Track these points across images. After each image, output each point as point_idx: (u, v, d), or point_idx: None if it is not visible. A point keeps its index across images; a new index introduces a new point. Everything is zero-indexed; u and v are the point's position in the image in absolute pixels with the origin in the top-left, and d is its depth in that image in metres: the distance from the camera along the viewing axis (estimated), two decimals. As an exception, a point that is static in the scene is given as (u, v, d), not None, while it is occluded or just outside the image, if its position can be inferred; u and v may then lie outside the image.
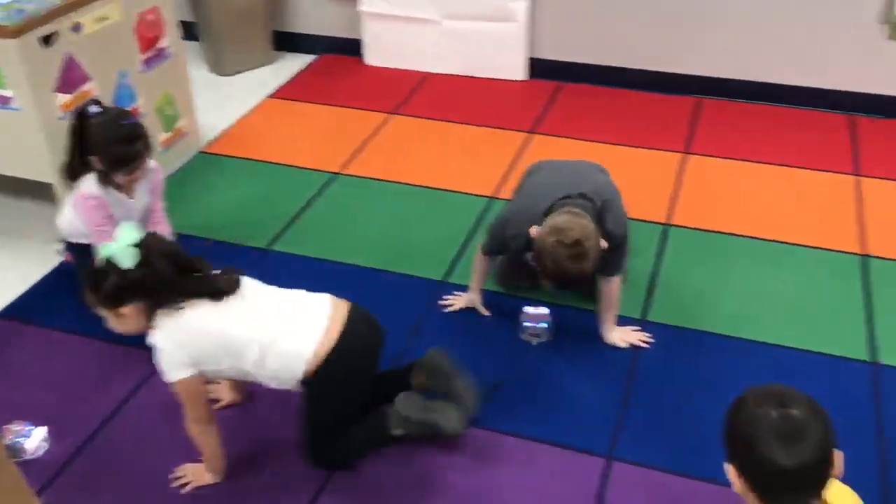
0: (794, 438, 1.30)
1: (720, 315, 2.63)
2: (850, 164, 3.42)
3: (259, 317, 1.96)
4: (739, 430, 1.37)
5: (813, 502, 1.34)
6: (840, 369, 2.43)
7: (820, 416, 1.34)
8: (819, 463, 1.31)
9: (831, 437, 1.34)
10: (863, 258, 2.87)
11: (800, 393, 1.37)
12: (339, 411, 2.06)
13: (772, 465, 1.31)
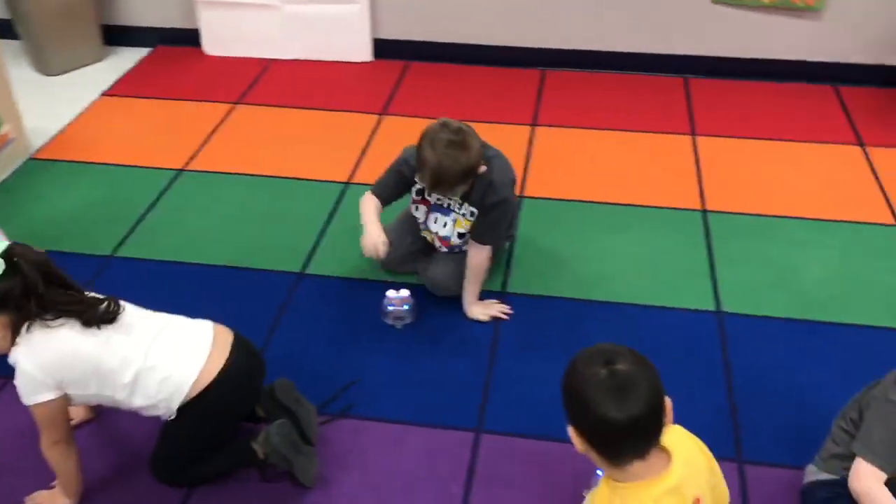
0: (623, 393, 1.34)
1: (576, 280, 2.70)
2: (686, 124, 3.58)
3: (137, 343, 1.86)
4: (573, 391, 1.40)
5: (651, 451, 1.39)
6: (690, 321, 2.55)
7: (646, 368, 1.39)
8: (651, 412, 1.36)
9: (659, 386, 1.39)
10: (703, 213, 3.02)
11: (625, 348, 1.41)
12: (207, 441, 1.98)
13: (606, 421, 1.35)
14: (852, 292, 2.65)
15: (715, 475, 1.60)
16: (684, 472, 1.44)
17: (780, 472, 2.07)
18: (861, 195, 3.12)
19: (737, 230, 2.93)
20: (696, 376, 2.35)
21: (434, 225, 2.52)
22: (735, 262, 2.78)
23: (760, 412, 2.23)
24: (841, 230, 2.94)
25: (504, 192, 2.39)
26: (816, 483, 1.90)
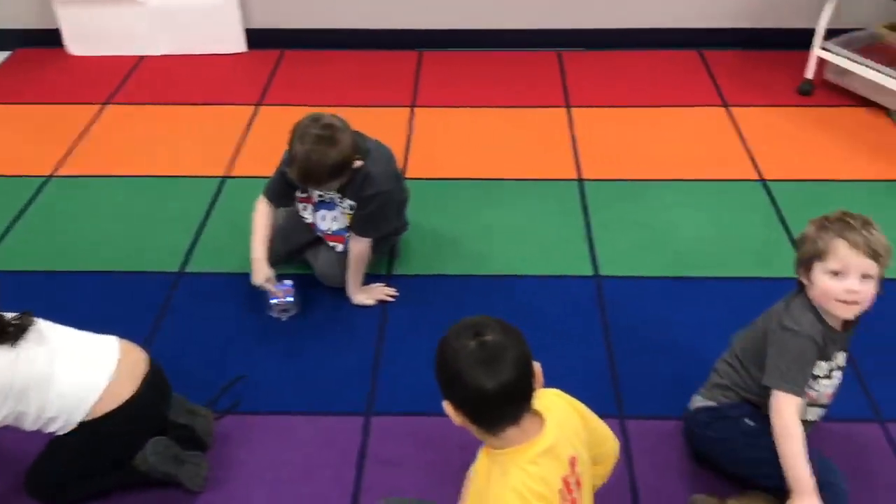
0: (492, 362, 1.38)
1: (460, 257, 2.74)
2: (561, 97, 3.66)
3: (44, 356, 1.81)
4: (444, 366, 1.43)
5: (524, 416, 1.43)
6: (570, 287, 2.62)
7: (514, 336, 1.43)
8: (521, 378, 1.40)
9: (527, 352, 1.43)
10: (580, 183, 3.10)
11: (493, 319, 1.45)
12: (97, 462, 1.94)
13: (478, 391, 1.38)
14: (722, 247, 2.78)
15: (595, 433, 1.65)
16: (558, 434, 1.48)
17: (661, 423, 2.15)
18: (727, 154, 3.26)
19: (612, 196, 3.02)
20: (577, 339, 2.42)
21: (323, 223, 2.50)
22: (611, 227, 2.87)
23: (639, 368, 2.32)
24: (710, 189, 3.06)
25: (382, 184, 2.38)
26: (700, 409, 2.00)
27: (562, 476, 1.46)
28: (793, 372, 1.80)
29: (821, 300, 1.80)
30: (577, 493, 1.52)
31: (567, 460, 1.50)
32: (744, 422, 1.90)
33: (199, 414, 2.08)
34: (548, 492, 1.43)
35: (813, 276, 1.79)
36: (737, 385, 1.94)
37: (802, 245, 1.83)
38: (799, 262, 1.84)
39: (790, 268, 2.72)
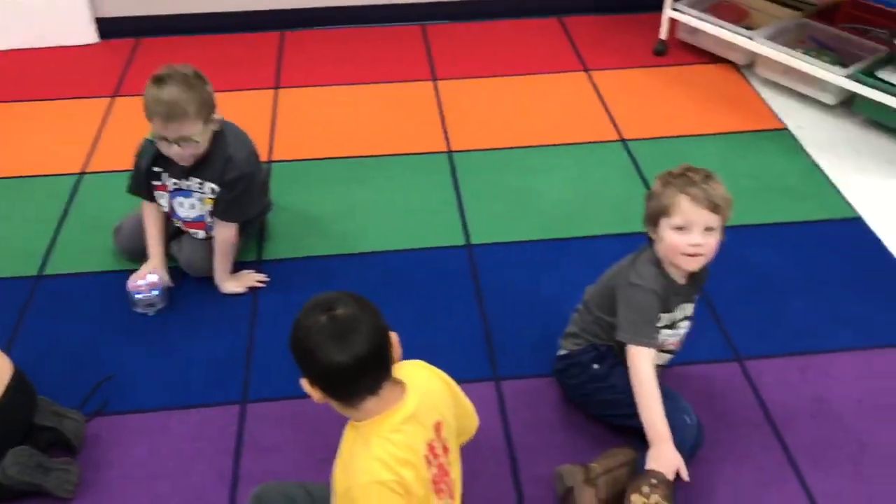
0: (345, 335, 1.38)
1: (331, 237, 2.72)
2: (427, 70, 3.67)
3: None
4: (298, 344, 1.43)
5: (383, 385, 1.45)
6: (443, 257, 2.64)
7: (366, 309, 1.43)
8: (376, 350, 1.41)
9: (381, 324, 1.44)
10: (449, 155, 3.12)
11: (344, 293, 1.45)
12: None
13: (333, 366, 1.39)
14: (588, 207, 2.86)
15: (459, 403, 1.68)
16: (421, 400, 1.50)
17: (535, 380, 2.21)
18: (590, 117, 3.35)
19: (481, 166, 3.06)
20: (452, 308, 2.45)
21: (181, 210, 2.43)
22: (480, 196, 2.91)
23: (512, 331, 2.37)
24: (574, 152, 3.14)
25: (245, 166, 2.34)
26: (557, 358, 2.11)
27: (426, 441, 1.49)
28: (641, 325, 1.87)
29: (667, 254, 1.87)
30: (445, 457, 1.55)
31: (432, 426, 1.52)
32: (591, 367, 1.99)
33: (66, 416, 2.01)
34: (413, 457, 1.45)
35: (660, 231, 1.86)
36: (584, 331, 2.02)
37: (649, 201, 1.89)
38: (647, 218, 1.91)
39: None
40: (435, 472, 1.50)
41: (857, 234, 2.74)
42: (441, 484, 1.52)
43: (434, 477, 1.49)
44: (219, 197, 2.35)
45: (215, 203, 2.36)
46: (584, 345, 2.02)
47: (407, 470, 1.42)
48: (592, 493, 1.84)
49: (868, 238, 2.71)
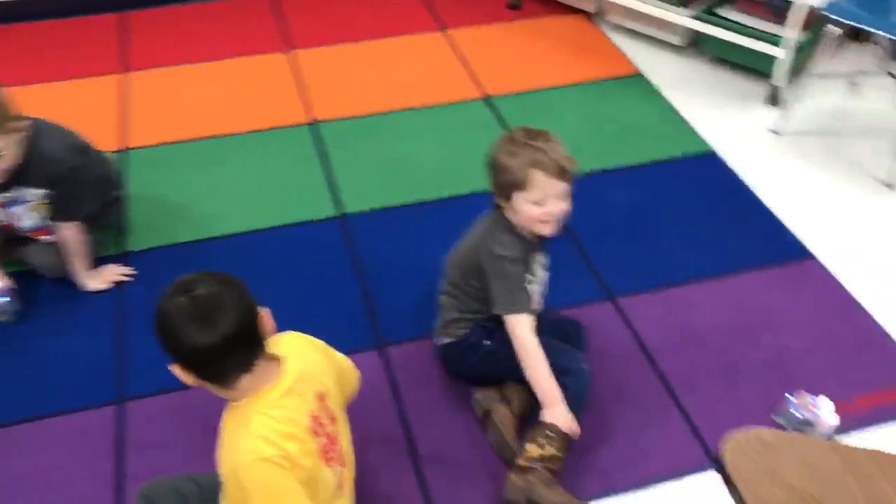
0: (208, 315, 1.34)
1: (196, 222, 2.62)
2: (280, 41, 3.57)
3: None
4: (162, 329, 1.37)
5: (257, 362, 1.41)
6: (317, 231, 2.60)
7: (229, 285, 1.39)
8: (243, 327, 1.37)
9: (247, 300, 1.40)
10: (313, 126, 3.06)
11: (204, 273, 1.40)
12: None
13: (199, 348, 1.34)
14: (458, 167, 2.87)
15: (341, 372, 1.67)
16: (300, 373, 1.48)
17: (420, 343, 2.21)
18: (451, 76, 3.35)
19: (347, 134, 3.01)
20: (330, 281, 2.42)
21: (21, 221, 2.27)
22: (349, 164, 2.87)
23: (393, 297, 2.36)
24: (440, 113, 3.14)
25: (64, 160, 2.17)
26: (445, 346, 2.06)
27: (309, 413, 1.46)
28: (515, 294, 1.89)
29: (523, 223, 1.87)
30: (332, 426, 1.53)
31: (314, 396, 1.50)
32: (484, 345, 1.99)
33: None
34: (296, 430, 1.42)
35: (514, 204, 1.83)
36: (465, 313, 2.01)
37: (499, 174, 1.84)
38: (498, 190, 1.87)
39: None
40: (323, 442, 1.48)
41: (713, 167, 2.87)
42: (330, 453, 1.51)
43: (322, 447, 1.48)
44: (49, 199, 2.21)
45: (49, 205, 2.22)
46: (470, 326, 2.01)
47: (291, 443, 1.40)
48: (507, 410, 1.97)
49: (722, 170, 2.85)
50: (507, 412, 1.97)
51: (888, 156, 2.83)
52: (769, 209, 2.67)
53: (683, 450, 1.97)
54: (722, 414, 2.04)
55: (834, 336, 2.24)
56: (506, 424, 1.95)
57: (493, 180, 1.87)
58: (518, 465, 1.84)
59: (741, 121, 3.10)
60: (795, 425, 1.97)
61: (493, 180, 1.86)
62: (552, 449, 1.83)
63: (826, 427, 1.96)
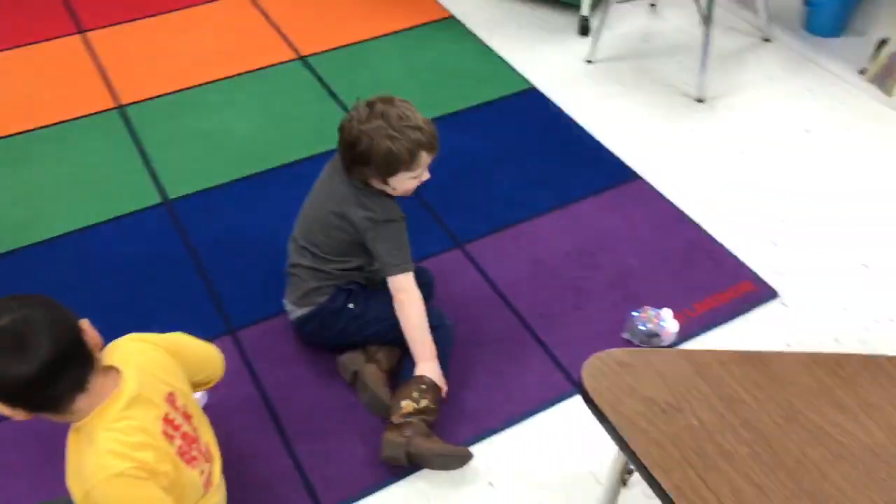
0: (21, 345, 1.21)
1: (8, 229, 2.39)
2: (70, 23, 3.29)
3: None
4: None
5: (90, 380, 1.30)
6: (143, 221, 2.44)
7: (39, 306, 1.26)
8: (65, 348, 1.26)
9: (64, 317, 1.28)
10: (120, 110, 2.85)
11: (5, 298, 1.27)
12: None
13: (21, 381, 1.22)
14: (283, 133, 2.77)
15: (195, 358, 1.59)
16: (142, 378, 1.38)
17: (270, 322, 2.14)
18: (261, 40, 3.21)
19: (159, 114, 2.83)
20: (167, 271, 2.29)
21: None
22: (167, 146, 2.70)
23: (235, 279, 2.26)
24: (255, 79, 3.01)
25: None
26: (302, 318, 2.00)
27: (160, 417, 1.38)
28: (404, 253, 1.90)
29: (399, 192, 1.89)
30: (189, 425, 1.45)
31: (163, 399, 1.41)
32: (348, 309, 1.96)
33: None
34: (149, 438, 1.33)
35: (393, 182, 1.85)
36: (329, 280, 1.95)
37: (382, 160, 1.79)
38: (375, 173, 1.83)
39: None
40: (180, 444, 1.40)
41: (536, 103, 2.92)
42: (192, 452, 1.43)
43: (180, 449, 1.40)
44: None
45: None
46: (331, 292, 1.96)
47: (144, 452, 1.31)
48: (375, 368, 1.96)
49: (546, 105, 2.91)
50: (377, 370, 1.96)
51: (694, 71, 2.99)
52: (594, 137, 2.75)
53: (547, 380, 2.02)
54: (577, 338, 2.11)
55: (668, 249, 2.35)
56: (377, 382, 1.94)
57: (371, 164, 1.81)
58: (393, 422, 1.83)
59: (557, 54, 3.17)
60: (642, 338, 2.07)
61: (373, 164, 1.81)
62: (426, 401, 1.83)
63: (670, 335, 2.08)
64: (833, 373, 1.30)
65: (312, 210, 1.95)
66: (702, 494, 1.15)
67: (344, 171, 1.88)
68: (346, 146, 1.83)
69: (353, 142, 1.80)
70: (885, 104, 2.89)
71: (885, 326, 2.16)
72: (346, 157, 1.84)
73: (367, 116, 1.80)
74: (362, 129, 1.79)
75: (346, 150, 1.83)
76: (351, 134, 1.81)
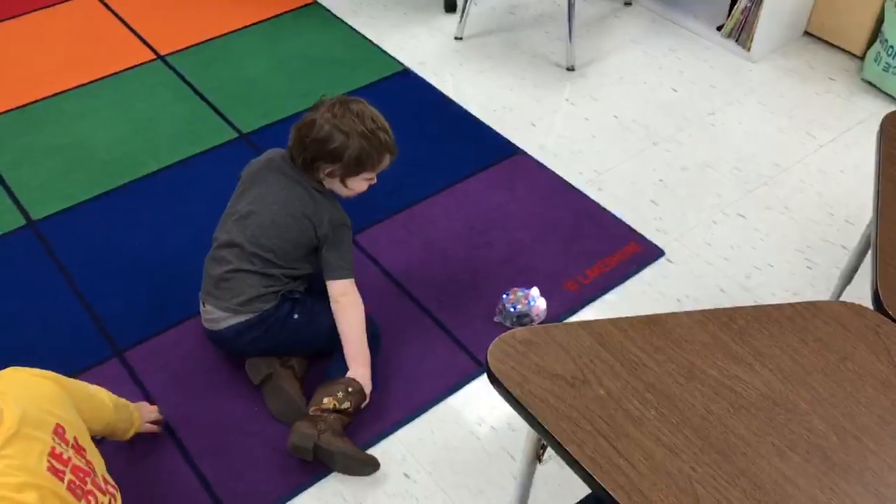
0: None
1: None
2: None
3: None
4: None
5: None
6: (9, 246, 2.27)
7: None
8: None
9: None
10: (-34, 129, 2.65)
11: None
12: None
13: None
14: (150, 139, 2.63)
15: (83, 395, 1.49)
16: (25, 412, 1.29)
17: (160, 339, 2.04)
18: (117, 43, 3.03)
19: (9, 130, 2.64)
20: (39, 298, 2.14)
21: None
22: (21, 164, 2.52)
23: (116, 298, 2.14)
24: (113, 84, 2.84)
25: None
26: (235, 327, 1.87)
27: (46, 452, 1.28)
28: (349, 258, 1.91)
29: (345, 193, 1.90)
30: (81, 459, 1.36)
31: (49, 433, 1.31)
32: (292, 318, 1.89)
33: None
34: (31, 477, 1.24)
35: (350, 182, 1.86)
36: (274, 287, 1.86)
37: (358, 162, 1.81)
38: (343, 173, 1.83)
39: (220, 134, 2.74)
40: (71, 479, 1.31)
41: (411, 84, 2.89)
42: (86, 486, 1.34)
43: (71, 484, 1.31)
44: None
45: None
46: (276, 300, 1.87)
47: (27, 493, 1.22)
48: (291, 373, 1.92)
49: (420, 86, 2.88)
50: (292, 375, 1.92)
51: (562, 40, 3.02)
52: (472, 114, 2.75)
53: (452, 364, 2.01)
54: (476, 317, 2.10)
55: (555, 220, 2.38)
56: (293, 385, 1.90)
57: (338, 162, 1.81)
58: (308, 414, 1.80)
59: (426, 34, 3.14)
60: (513, 320, 2.07)
61: (341, 162, 1.81)
62: (348, 403, 1.81)
63: (540, 312, 2.10)
64: (726, 327, 1.34)
65: (264, 214, 1.84)
66: (615, 462, 1.16)
67: (298, 171, 1.84)
68: (313, 142, 1.79)
69: (324, 138, 1.78)
70: (745, 58, 3.01)
71: (764, 272, 2.26)
72: (310, 152, 1.80)
73: (342, 113, 1.79)
74: (337, 126, 1.78)
75: (313, 146, 1.79)
76: (323, 129, 1.78)
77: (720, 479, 1.14)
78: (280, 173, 1.86)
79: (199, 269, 1.91)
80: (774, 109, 2.80)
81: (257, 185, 1.88)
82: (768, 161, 2.60)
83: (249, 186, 1.90)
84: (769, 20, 2.92)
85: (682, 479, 1.14)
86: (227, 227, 1.89)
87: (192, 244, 2.25)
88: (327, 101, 1.83)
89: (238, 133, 2.64)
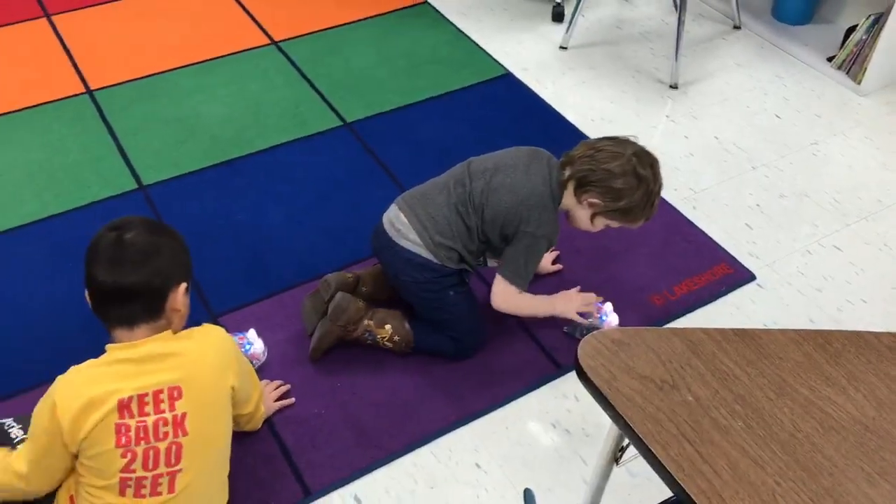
0: (118, 259, 1.43)
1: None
2: (36, 6, 3.21)
3: None
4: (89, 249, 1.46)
5: (139, 324, 1.45)
6: (118, 207, 2.39)
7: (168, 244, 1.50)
8: (143, 286, 1.44)
9: (165, 268, 1.46)
10: (90, 95, 2.79)
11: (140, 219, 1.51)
12: None
13: (92, 281, 1.45)
14: (258, 119, 2.74)
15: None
16: (154, 353, 1.46)
17: (251, 309, 2.12)
18: (234, 25, 3.16)
19: (130, 99, 2.78)
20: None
21: None
22: (139, 131, 2.66)
23: (215, 266, 2.23)
24: (227, 64, 2.97)
25: None
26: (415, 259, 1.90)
27: (138, 388, 1.46)
28: (530, 272, 1.93)
29: (578, 225, 1.95)
30: (166, 426, 1.47)
31: (160, 382, 1.45)
32: (448, 293, 1.95)
33: None
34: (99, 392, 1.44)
35: (598, 220, 1.90)
36: (461, 249, 1.91)
37: (624, 212, 1.86)
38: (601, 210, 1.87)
39: (325, 121, 2.82)
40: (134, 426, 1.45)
41: (511, 89, 2.93)
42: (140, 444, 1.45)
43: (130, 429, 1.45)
44: None
45: None
46: (452, 266, 1.92)
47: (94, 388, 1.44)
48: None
49: (520, 90, 2.91)
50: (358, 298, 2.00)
51: (667, 58, 3.02)
52: (570, 121, 2.77)
53: (531, 363, 2.03)
54: (558, 321, 2.10)
55: (646, 233, 2.36)
56: (356, 299, 1.97)
57: (610, 200, 1.84)
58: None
59: (531, 41, 3.18)
60: (583, 333, 2.05)
61: (612, 201, 1.84)
62: (388, 340, 1.97)
63: (613, 328, 2.08)
64: (821, 348, 1.33)
65: (514, 189, 1.87)
66: (698, 467, 1.17)
67: (557, 176, 1.88)
68: (605, 171, 1.82)
69: (618, 173, 1.81)
70: (854, 90, 2.95)
71: (856, 307, 2.21)
72: (594, 175, 1.83)
73: (646, 164, 1.83)
74: (636, 171, 1.82)
75: (602, 173, 1.82)
76: (623, 167, 1.81)
77: (804, 495, 1.14)
78: (543, 163, 1.91)
79: (293, 247, 1.98)
80: (881, 145, 2.74)
81: (505, 156, 1.95)
82: (870, 196, 2.54)
83: (499, 154, 1.96)
84: (884, 55, 2.86)
85: (765, 492, 1.14)
86: (471, 171, 1.94)
87: (289, 222, 2.34)
88: (635, 143, 1.87)
89: (342, 121, 2.72)
